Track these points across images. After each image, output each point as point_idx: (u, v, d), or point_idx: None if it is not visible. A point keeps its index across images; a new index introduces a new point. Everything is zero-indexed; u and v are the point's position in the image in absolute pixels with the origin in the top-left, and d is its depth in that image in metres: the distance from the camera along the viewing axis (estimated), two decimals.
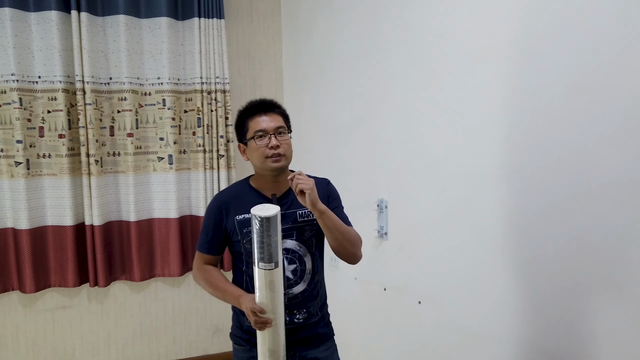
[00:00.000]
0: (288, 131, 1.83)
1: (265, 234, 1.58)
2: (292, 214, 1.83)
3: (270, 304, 1.67)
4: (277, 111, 1.83)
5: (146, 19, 3.27)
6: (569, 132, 1.54)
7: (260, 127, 1.77)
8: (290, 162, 1.84)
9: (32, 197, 3.08)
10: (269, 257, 1.60)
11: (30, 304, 3.24)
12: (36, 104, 3.08)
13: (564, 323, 1.61)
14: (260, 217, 1.56)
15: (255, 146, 1.78)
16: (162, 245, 3.40)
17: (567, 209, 1.57)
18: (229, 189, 1.97)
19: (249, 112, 1.83)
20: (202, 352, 3.67)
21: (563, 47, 1.56)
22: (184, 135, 3.42)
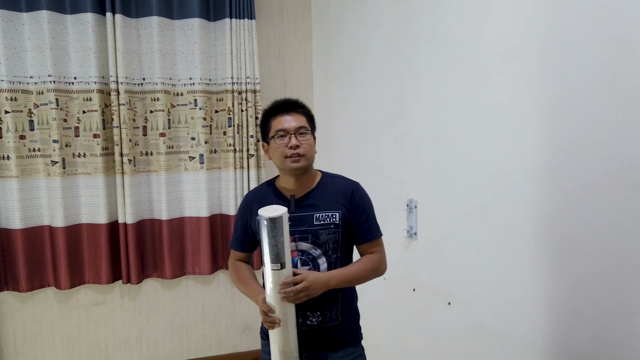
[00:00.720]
0: (311, 132, 1.82)
1: (270, 235, 1.59)
2: (309, 217, 1.80)
3: (277, 305, 1.68)
4: (300, 111, 1.83)
5: (179, 20, 3.31)
6: (603, 131, 1.51)
7: (281, 127, 1.77)
8: (311, 163, 1.83)
9: (67, 196, 3.15)
10: (274, 257, 1.62)
11: (65, 300, 3.32)
12: (72, 105, 3.15)
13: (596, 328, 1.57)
14: (265, 218, 1.58)
15: (275, 145, 1.79)
16: (193, 243, 3.44)
17: (602, 211, 1.53)
18: (255, 189, 1.99)
19: (272, 111, 1.84)
20: (232, 349, 3.70)
21: (596, 45, 1.52)
22: (214, 135, 3.45)
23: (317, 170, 1.92)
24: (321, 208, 1.80)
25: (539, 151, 1.76)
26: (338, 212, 1.81)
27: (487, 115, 2.01)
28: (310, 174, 1.86)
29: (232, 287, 3.65)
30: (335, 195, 1.83)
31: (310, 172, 1.85)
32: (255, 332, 3.72)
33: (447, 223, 2.29)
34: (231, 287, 3.65)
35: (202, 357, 3.64)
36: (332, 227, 1.79)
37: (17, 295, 3.21)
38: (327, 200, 1.82)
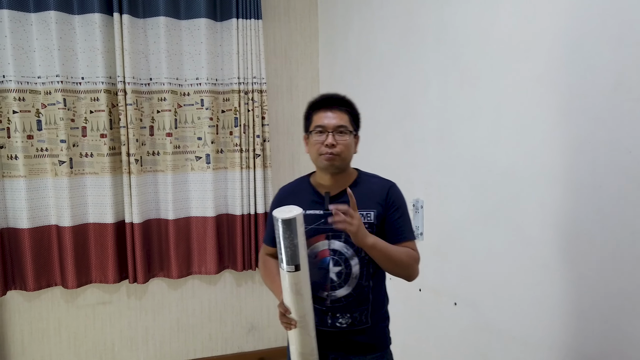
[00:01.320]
0: (352, 132, 1.77)
1: (284, 236, 1.57)
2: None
3: (294, 306, 1.66)
4: (344, 109, 1.78)
5: (185, 21, 3.32)
6: (612, 131, 1.50)
7: (321, 123, 1.74)
8: (346, 163, 1.78)
9: (74, 195, 3.16)
10: (288, 259, 1.59)
11: (72, 299, 3.33)
12: (79, 105, 3.17)
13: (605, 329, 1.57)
14: (279, 219, 1.55)
15: (312, 141, 1.76)
16: (199, 243, 3.45)
17: (612, 211, 1.52)
18: (290, 184, 1.96)
19: (316, 105, 1.80)
20: (237, 349, 3.71)
21: (604, 45, 1.52)
22: (221, 134, 3.46)
23: (354, 168, 1.88)
24: (357, 207, 1.71)
25: (548, 152, 1.75)
26: (373, 211, 1.76)
27: (494, 116, 2.00)
28: (347, 173, 1.82)
29: (238, 287, 3.66)
30: (371, 194, 1.79)
31: (346, 171, 1.82)
32: (261, 331, 3.72)
33: (453, 223, 2.29)
34: (237, 286, 3.66)
35: (208, 356, 3.65)
36: (367, 227, 1.71)
37: (24, 295, 3.22)
38: (363, 198, 1.76)
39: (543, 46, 1.75)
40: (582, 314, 1.65)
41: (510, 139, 1.92)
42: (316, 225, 1.76)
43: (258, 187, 3.45)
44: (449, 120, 2.28)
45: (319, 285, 1.77)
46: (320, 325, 1.78)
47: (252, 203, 3.46)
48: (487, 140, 2.05)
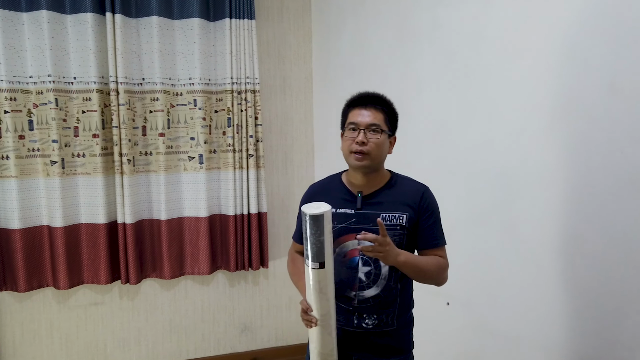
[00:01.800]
0: (386, 132, 1.73)
1: (311, 232, 1.55)
2: (375, 216, 1.70)
3: (316, 304, 1.64)
4: (380, 108, 1.74)
5: (178, 20, 3.31)
6: (605, 132, 1.51)
7: (354, 120, 1.72)
8: (376, 163, 1.74)
9: (66, 196, 3.14)
10: (313, 256, 1.57)
11: (64, 300, 3.31)
12: (71, 105, 3.15)
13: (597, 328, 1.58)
14: (307, 215, 1.54)
15: (345, 137, 1.75)
16: (192, 243, 3.44)
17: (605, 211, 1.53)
18: (321, 181, 1.94)
19: (353, 102, 1.78)
20: (230, 350, 3.70)
21: (597, 46, 1.52)
22: (214, 135, 3.45)
23: (387, 170, 1.85)
24: (388, 208, 1.73)
25: (541, 152, 1.76)
26: (405, 214, 1.73)
27: (488, 116, 2.01)
28: (380, 173, 1.79)
29: (231, 288, 3.65)
30: (404, 197, 1.76)
31: (379, 171, 1.79)
32: (254, 331, 3.72)
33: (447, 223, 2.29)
34: (230, 287, 3.65)
35: (201, 357, 3.64)
36: (398, 229, 1.72)
37: (15, 296, 3.20)
38: (395, 200, 1.75)
39: (536, 47, 1.76)
40: (575, 313, 1.66)
41: (504, 139, 1.93)
42: (346, 224, 1.74)
43: (251, 188, 3.44)
44: (442, 121, 2.28)
45: (347, 285, 1.76)
46: (345, 325, 1.77)
47: (245, 203, 3.46)
48: (480, 140, 2.06)
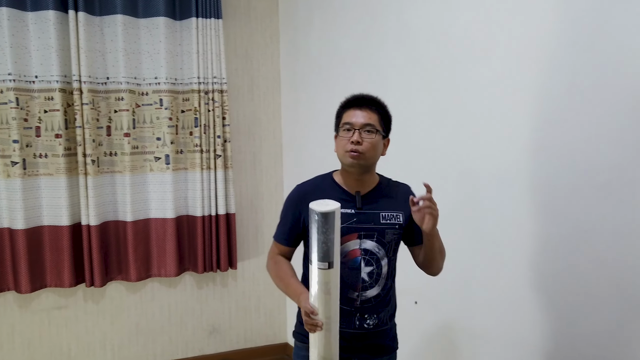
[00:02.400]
0: (380, 132, 1.74)
1: (320, 231, 1.51)
2: (375, 215, 1.75)
3: (321, 307, 1.59)
4: (374, 109, 1.75)
5: (144, 19, 3.27)
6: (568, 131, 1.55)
7: (349, 120, 1.73)
8: (371, 163, 1.75)
9: (28, 197, 3.06)
10: (322, 255, 1.53)
11: (26, 304, 3.23)
12: (33, 104, 3.07)
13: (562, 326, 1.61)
14: (317, 212, 1.49)
15: (339, 138, 1.75)
16: (159, 245, 3.40)
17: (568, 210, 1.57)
18: (311, 181, 1.89)
19: (347, 104, 1.79)
20: (198, 352, 3.66)
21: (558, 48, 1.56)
22: (181, 135, 3.41)
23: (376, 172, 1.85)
24: (387, 207, 1.76)
25: (505, 151, 1.79)
26: (401, 213, 1.78)
27: (454, 116, 2.04)
28: (372, 174, 1.81)
29: (199, 289, 3.61)
30: (397, 197, 1.80)
31: (372, 172, 1.80)
32: (222, 333, 3.69)
33: None
34: (198, 289, 3.61)
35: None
36: (397, 228, 1.76)
37: None
38: (391, 200, 1.79)
39: (500, 48, 1.79)
40: (541, 309, 1.69)
41: (469, 139, 1.96)
42: (348, 224, 1.72)
43: (219, 188, 3.42)
44: (409, 120, 2.30)
45: (350, 286, 1.74)
46: (346, 327, 1.74)
47: (213, 204, 3.43)
48: (446, 140, 2.08)
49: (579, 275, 1.54)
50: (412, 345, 2.36)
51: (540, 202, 1.66)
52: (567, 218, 1.56)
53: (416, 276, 2.28)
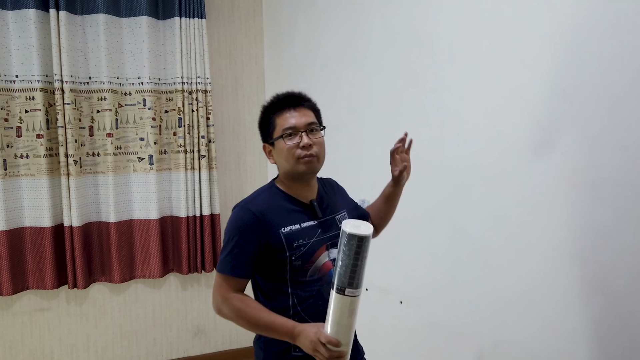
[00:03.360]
0: (320, 128, 1.62)
1: (359, 256, 1.34)
2: (333, 220, 1.64)
3: (347, 335, 1.41)
4: (307, 105, 1.61)
5: (126, 18, 3.24)
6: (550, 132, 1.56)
7: (290, 124, 1.54)
8: (322, 164, 1.62)
9: (9, 198, 3.03)
10: (359, 282, 1.37)
11: (7, 306, 3.19)
12: (13, 104, 3.03)
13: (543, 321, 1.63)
14: (359, 236, 1.32)
15: (284, 146, 1.54)
16: (143, 246, 3.37)
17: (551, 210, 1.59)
18: (259, 198, 1.61)
19: (275, 107, 1.59)
20: (183, 353, 3.64)
21: (540, 49, 1.58)
22: (164, 135, 3.39)
23: None
24: (335, 209, 1.66)
25: (488, 153, 1.81)
26: (346, 210, 1.73)
27: (437, 117, 2.05)
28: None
29: (183, 291, 3.59)
30: (334, 194, 1.75)
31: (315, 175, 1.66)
32: (207, 334, 3.67)
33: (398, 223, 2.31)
34: (182, 290, 3.59)
35: None
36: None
37: None
38: (334, 200, 1.70)
39: (483, 49, 1.80)
40: (523, 309, 1.71)
41: (453, 140, 1.97)
42: (316, 238, 1.57)
43: (204, 189, 3.40)
44: (393, 122, 2.31)
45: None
46: None
47: (198, 205, 3.41)
48: (430, 141, 2.09)
49: (561, 275, 1.56)
50: (397, 343, 2.37)
51: (523, 203, 1.68)
52: (550, 219, 1.58)
53: (401, 276, 2.30)
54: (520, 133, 1.67)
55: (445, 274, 2.05)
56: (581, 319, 1.50)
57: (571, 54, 1.48)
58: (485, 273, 1.85)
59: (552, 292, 1.59)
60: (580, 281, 1.50)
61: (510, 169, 1.71)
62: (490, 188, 1.81)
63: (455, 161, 1.96)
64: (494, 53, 1.76)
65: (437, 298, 2.11)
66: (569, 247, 1.52)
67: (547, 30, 1.56)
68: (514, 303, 1.74)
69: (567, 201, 1.52)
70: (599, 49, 1.40)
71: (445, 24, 1.98)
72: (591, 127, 1.43)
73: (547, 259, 1.60)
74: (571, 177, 1.50)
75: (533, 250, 1.65)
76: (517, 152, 1.69)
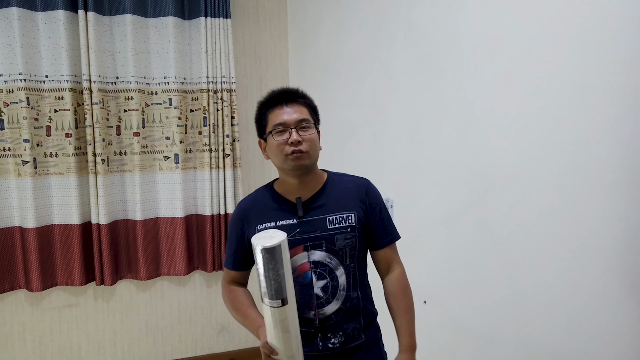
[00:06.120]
0: (314, 125, 1.59)
1: (267, 267, 1.35)
2: (321, 220, 1.57)
3: (280, 346, 1.44)
4: (301, 101, 1.59)
5: (153, 19, 3.28)
6: (577, 132, 1.54)
7: (280, 120, 1.54)
8: (315, 161, 1.60)
9: (38, 196, 3.09)
10: (274, 293, 1.37)
11: (36, 302, 3.26)
12: (43, 103, 3.10)
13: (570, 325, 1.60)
14: (261, 248, 1.34)
15: (273, 142, 1.55)
16: (168, 244, 3.41)
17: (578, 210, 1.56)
18: (250, 196, 1.70)
19: (269, 103, 1.60)
20: (207, 350, 3.68)
21: (568, 46, 1.55)
22: (190, 134, 3.42)
23: (322, 169, 1.70)
24: (334, 210, 1.58)
25: (513, 151, 1.78)
26: (353, 213, 1.60)
27: (462, 115, 2.03)
28: (316, 174, 1.64)
29: (208, 288, 3.63)
30: (347, 195, 1.62)
31: (315, 172, 1.63)
32: (232, 332, 3.70)
33: (423, 222, 2.31)
34: (207, 287, 3.62)
35: (178, 358, 3.60)
36: (349, 231, 1.57)
37: None
38: (340, 200, 1.61)
39: (508, 47, 1.78)
40: (547, 310, 1.68)
41: (478, 138, 1.95)
42: (291, 237, 1.54)
43: (228, 187, 3.43)
44: (417, 120, 2.30)
45: (304, 305, 1.55)
46: (309, 350, 1.57)
47: (222, 203, 3.44)
48: (455, 139, 2.07)
49: (587, 278, 1.53)
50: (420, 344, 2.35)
51: (549, 202, 1.65)
52: (577, 218, 1.55)
53: (425, 276, 2.29)
54: (546, 132, 1.64)
55: (470, 274, 2.03)
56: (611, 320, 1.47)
57: (598, 51, 1.45)
58: (510, 273, 1.83)
59: (579, 293, 1.56)
60: (609, 282, 1.47)
61: (537, 169, 1.69)
62: (515, 187, 1.78)
63: (479, 160, 1.94)
64: (518, 51, 1.73)
65: (461, 298, 2.09)
66: (597, 247, 1.50)
67: (573, 27, 1.53)
68: (539, 304, 1.72)
69: (596, 201, 1.49)
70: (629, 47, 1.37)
71: (469, 21, 1.96)
72: (622, 126, 1.40)
73: (575, 260, 1.57)
74: (601, 177, 1.47)
75: (559, 251, 1.62)
76: (543, 151, 1.66)
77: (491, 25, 1.85)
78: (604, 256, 1.48)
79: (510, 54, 1.77)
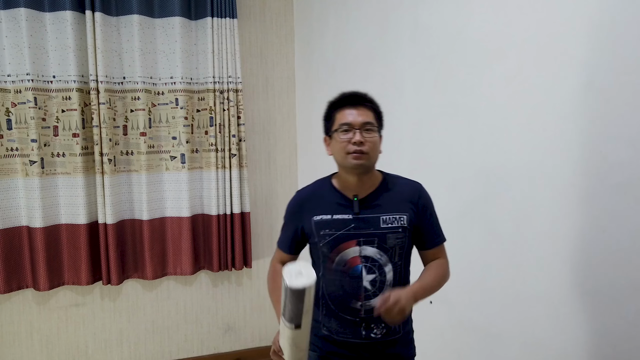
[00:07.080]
0: (378, 129, 1.69)
1: (289, 300, 1.43)
2: (375, 219, 1.67)
3: (287, 353, 1.58)
4: (369, 106, 1.69)
5: (159, 19, 3.29)
6: (585, 131, 1.53)
7: (346, 121, 1.64)
8: (374, 162, 1.70)
9: (46, 196, 3.10)
10: (290, 318, 1.47)
11: (44, 301, 3.27)
12: (51, 104, 3.11)
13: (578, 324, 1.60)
14: (288, 288, 1.40)
15: (338, 140, 1.66)
16: (174, 243, 3.42)
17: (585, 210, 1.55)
18: (309, 187, 1.82)
19: (337, 104, 1.71)
20: (213, 350, 3.68)
21: (576, 45, 1.54)
22: (196, 134, 3.43)
23: (378, 170, 1.79)
24: (388, 210, 1.67)
25: (520, 150, 1.78)
26: (406, 215, 1.69)
27: (468, 115, 2.02)
28: (373, 174, 1.74)
29: (214, 288, 3.63)
30: (401, 197, 1.71)
31: (373, 172, 1.73)
32: (238, 332, 3.71)
33: None
34: (213, 287, 3.63)
35: (184, 358, 3.62)
36: (400, 231, 1.67)
37: None
38: (394, 201, 1.70)
39: (515, 47, 1.77)
40: (555, 310, 1.68)
41: (484, 138, 1.95)
42: (346, 231, 1.67)
43: (234, 187, 3.43)
44: (424, 120, 2.30)
45: (352, 295, 1.67)
46: (353, 337, 1.70)
47: (228, 203, 3.44)
48: (461, 139, 2.07)
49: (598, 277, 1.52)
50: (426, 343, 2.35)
51: (557, 201, 1.65)
52: (584, 218, 1.55)
53: None
54: (553, 131, 1.64)
55: (476, 273, 2.03)
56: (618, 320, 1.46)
57: (607, 51, 1.45)
58: (516, 273, 1.82)
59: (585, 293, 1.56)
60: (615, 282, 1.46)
61: (543, 168, 1.68)
62: (522, 187, 1.78)
63: (486, 160, 1.94)
64: (525, 50, 1.73)
65: (468, 298, 2.08)
66: (604, 247, 1.49)
67: (582, 26, 1.52)
68: (545, 303, 1.71)
69: (602, 201, 1.49)
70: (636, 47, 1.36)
71: (476, 20, 1.95)
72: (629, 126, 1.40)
73: (581, 260, 1.56)
74: (608, 177, 1.47)
75: (566, 251, 1.62)
76: (550, 149, 1.65)
77: (498, 24, 1.85)
78: (610, 255, 1.47)
79: (517, 54, 1.77)
